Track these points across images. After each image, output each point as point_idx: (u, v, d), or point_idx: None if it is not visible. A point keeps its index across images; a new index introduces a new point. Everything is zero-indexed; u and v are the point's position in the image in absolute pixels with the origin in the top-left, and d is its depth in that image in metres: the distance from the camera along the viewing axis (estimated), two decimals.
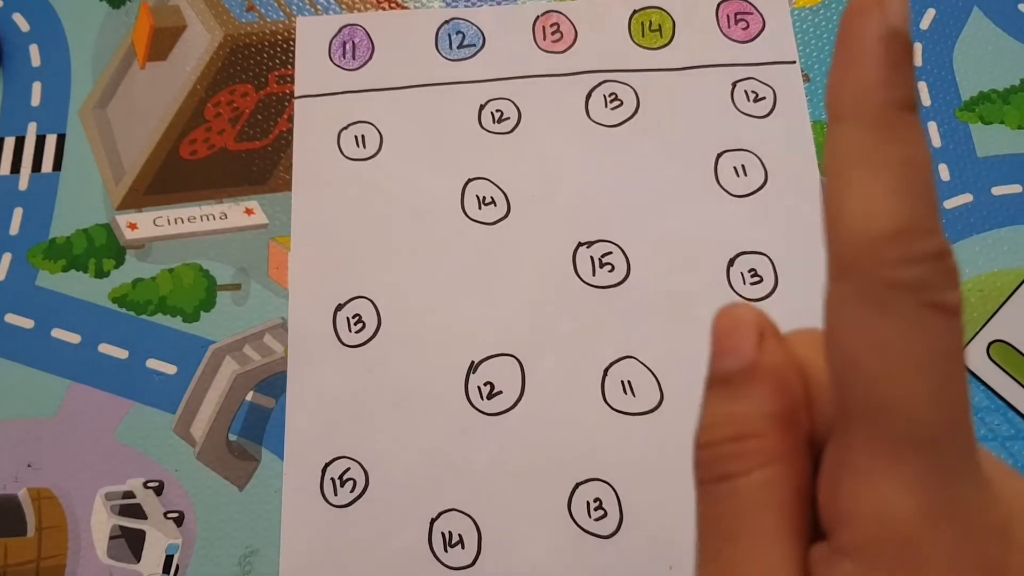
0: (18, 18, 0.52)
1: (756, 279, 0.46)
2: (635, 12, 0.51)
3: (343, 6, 0.52)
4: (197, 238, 0.47)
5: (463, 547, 0.42)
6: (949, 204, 0.47)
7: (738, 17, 0.51)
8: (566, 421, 0.43)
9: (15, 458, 0.44)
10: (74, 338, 0.46)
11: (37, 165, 0.49)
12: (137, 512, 0.42)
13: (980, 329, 0.44)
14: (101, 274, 0.47)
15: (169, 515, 0.42)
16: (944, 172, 0.47)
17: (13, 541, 0.42)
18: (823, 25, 0.51)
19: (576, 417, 0.43)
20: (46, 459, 0.43)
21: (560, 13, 0.52)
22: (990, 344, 0.44)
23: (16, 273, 0.47)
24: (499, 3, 0.52)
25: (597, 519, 0.42)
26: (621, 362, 0.44)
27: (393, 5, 0.52)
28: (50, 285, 0.47)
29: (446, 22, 0.52)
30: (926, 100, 0.49)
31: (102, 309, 0.46)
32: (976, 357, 0.44)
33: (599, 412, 0.43)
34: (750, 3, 0.51)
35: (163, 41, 0.52)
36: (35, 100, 0.51)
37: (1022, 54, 0.50)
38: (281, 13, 0.52)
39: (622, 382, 0.44)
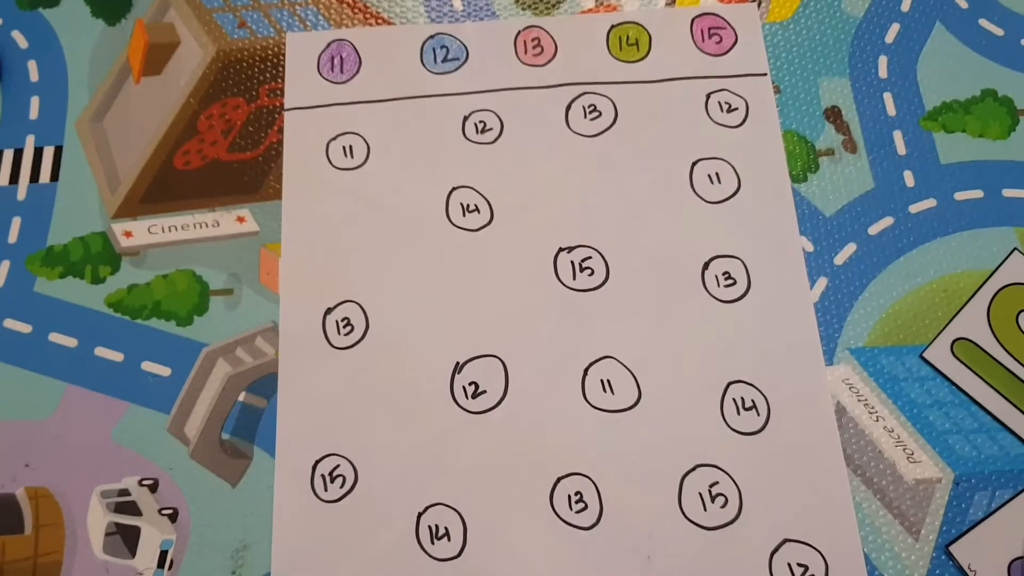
0: (17, 35, 0.54)
1: (730, 281, 0.47)
2: (613, 27, 0.54)
3: (331, 22, 0.54)
4: (190, 245, 0.49)
5: (449, 539, 0.43)
6: (914, 209, 0.49)
7: (712, 32, 0.53)
8: (548, 418, 0.45)
9: (13, 458, 0.45)
10: (71, 342, 0.47)
11: (35, 176, 0.51)
12: (132, 509, 0.44)
13: (945, 327, 0.46)
14: (97, 280, 0.48)
15: (163, 512, 0.44)
16: (909, 179, 0.49)
17: (11, 539, 0.43)
18: (793, 39, 0.53)
19: (557, 415, 0.45)
20: (43, 459, 0.45)
21: (541, 28, 0.54)
22: (954, 341, 0.46)
23: (14, 280, 0.48)
24: (482, 19, 0.54)
25: (578, 511, 0.43)
26: (600, 362, 0.46)
27: (379, 21, 0.54)
28: (48, 291, 0.48)
29: (431, 37, 0.54)
30: (892, 110, 0.51)
31: (98, 314, 0.47)
32: (942, 354, 0.46)
33: (579, 410, 0.45)
34: (723, 18, 0.53)
35: (158, 56, 0.53)
36: (33, 114, 0.52)
37: (982, 66, 0.52)
38: (271, 29, 0.54)
39: (601, 381, 0.46)
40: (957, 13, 0.53)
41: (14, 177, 0.51)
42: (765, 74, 0.52)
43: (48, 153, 0.51)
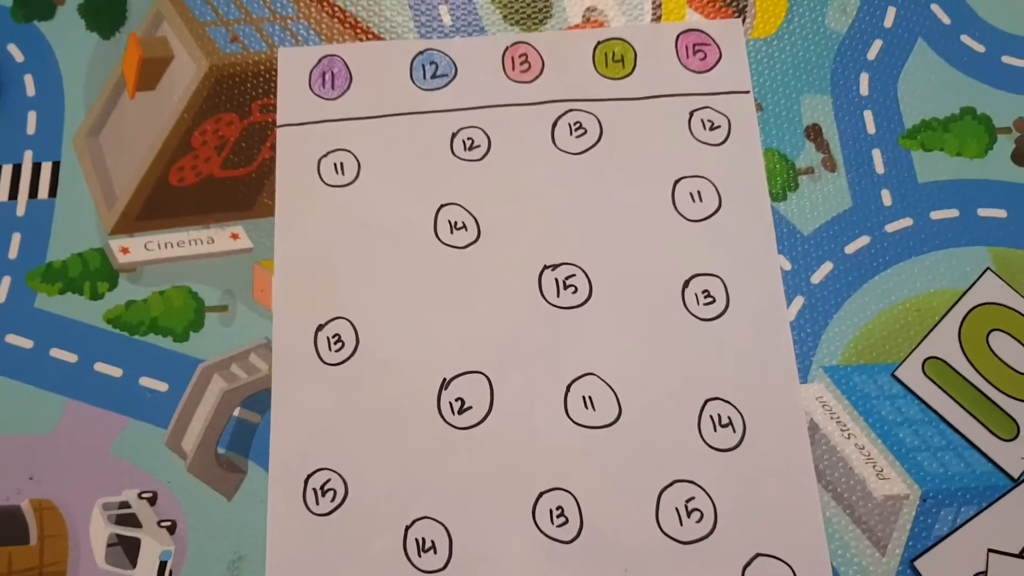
0: (13, 49, 0.55)
1: (709, 300, 0.49)
2: (599, 43, 0.54)
3: (322, 37, 0.55)
4: (186, 262, 0.50)
5: (435, 552, 0.45)
6: (890, 228, 0.50)
7: (696, 48, 0.54)
8: (531, 434, 0.47)
9: (17, 471, 0.47)
10: (71, 357, 0.49)
11: (34, 192, 0.52)
12: (132, 521, 0.46)
13: (916, 346, 0.48)
14: (96, 296, 0.50)
15: (162, 524, 0.46)
16: (887, 197, 0.51)
17: (17, 549, 0.45)
18: (776, 56, 0.54)
19: (540, 430, 0.47)
20: (47, 472, 0.47)
21: (528, 44, 0.54)
22: (925, 360, 0.47)
23: (15, 296, 0.50)
24: (470, 34, 0.55)
25: (559, 526, 0.45)
26: (583, 379, 0.48)
27: (369, 35, 0.55)
28: (48, 307, 0.50)
29: (420, 52, 0.54)
30: (872, 128, 0.52)
31: (97, 330, 0.49)
32: (913, 373, 0.47)
33: (562, 426, 0.47)
34: (708, 35, 0.54)
35: (152, 71, 0.54)
36: (31, 129, 0.53)
37: (962, 84, 0.53)
38: (263, 44, 0.55)
39: (583, 397, 0.47)
40: (940, 29, 0.54)
41: (13, 193, 0.52)
42: (748, 92, 0.53)
43: (46, 169, 0.52)
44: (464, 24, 0.55)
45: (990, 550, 0.44)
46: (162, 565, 0.45)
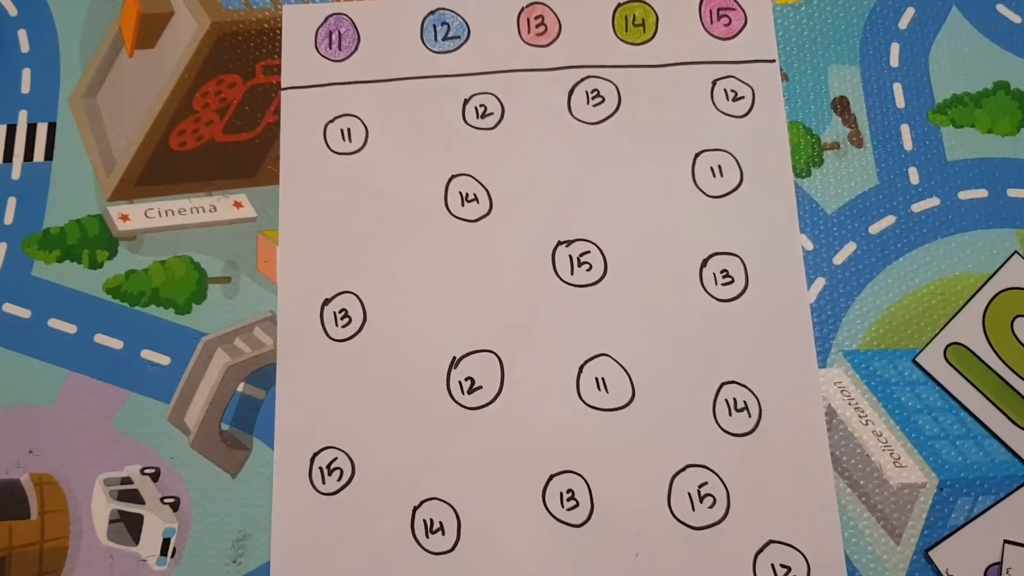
0: (6, 2, 0.53)
1: (728, 280, 0.47)
2: (619, 5, 0.52)
3: None
4: (188, 230, 0.49)
5: (443, 534, 0.44)
6: (916, 208, 0.48)
7: (720, 13, 0.52)
8: (542, 416, 0.46)
9: (17, 444, 0.46)
10: (70, 328, 0.47)
11: (29, 154, 0.50)
12: (135, 497, 0.45)
13: (939, 332, 0.46)
14: (95, 265, 0.48)
15: (166, 500, 0.45)
16: (914, 175, 0.49)
17: (17, 524, 0.45)
18: (804, 23, 0.51)
19: (551, 412, 0.46)
20: (47, 445, 0.46)
21: (545, 5, 0.52)
22: (947, 346, 0.46)
23: (12, 263, 0.48)
24: None
25: (569, 509, 0.44)
26: (596, 359, 0.46)
27: None
28: (45, 275, 0.48)
29: (431, 12, 0.52)
30: (901, 102, 0.50)
31: (97, 300, 0.48)
32: (934, 359, 0.46)
33: (573, 407, 0.46)
34: None
35: (151, 28, 0.52)
36: (25, 87, 0.51)
37: (997, 56, 0.51)
38: (267, 0, 0.52)
39: (596, 379, 0.46)
40: None
41: (8, 155, 0.50)
42: (774, 60, 0.51)
43: (42, 130, 0.50)
44: None
45: (1006, 541, 0.43)
46: (166, 542, 0.44)
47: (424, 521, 0.44)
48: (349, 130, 0.50)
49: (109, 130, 0.50)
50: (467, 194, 0.49)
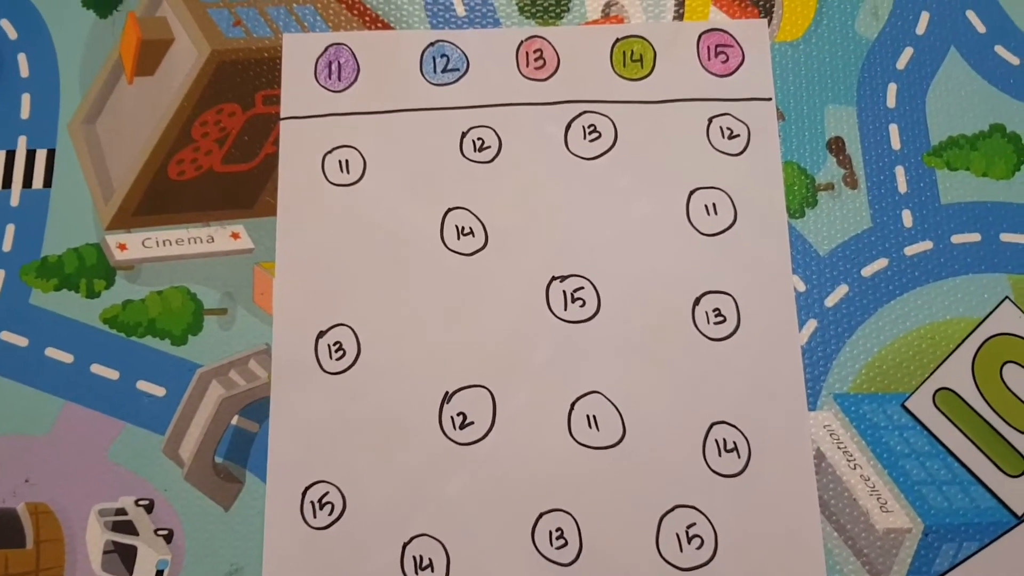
0: (6, 24, 0.53)
1: (720, 319, 0.48)
2: (618, 40, 0.52)
3: (329, 23, 0.53)
4: (185, 261, 0.49)
5: (433, 571, 0.45)
6: (909, 251, 0.49)
7: (718, 49, 0.52)
8: (533, 453, 0.46)
9: (13, 473, 0.46)
10: (67, 357, 0.48)
11: (28, 181, 0.50)
12: (129, 528, 0.45)
13: (928, 376, 0.47)
14: (92, 294, 0.48)
15: (159, 532, 0.45)
16: (907, 218, 0.49)
17: (13, 552, 0.45)
18: (802, 61, 0.52)
19: (542, 449, 0.46)
20: (42, 475, 0.46)
21: (544, 39, 0.52)
22: (936, 392, 0.47)
23: (10, 291, 0.49)
24: (485, 26, 0.53)
25: (558, 548, 0.45)
26: (587, 397, 0.47)
27: (379, 23, 0.53)
28: (43, 304, 0.48)
29: (431, 44, 0.52)
30: (896, 144, 0.50)
31: (94, 330, 0.48)
32: (923, 404, 0.46)
33: (564, 445, 0.46)
34: (731, 35, 0.52)
35: (151, 54, 0.52)
36: (24, 113, 0.51)
37: (994, 98, 0.51)
38: (268, 29, 0.52)
39: (587, 416, 0.47)
40: (974, 38, 0.52)
41: (7, 181, 0.50)
42: (770, 99, 0.51)
43: (41, 156, 0.51)
44: (478, 15, 0.53)
45: None
46: (159, 574, 0.45)
47: (414, 557, 0.45)
48: (347, 161, 0.50)
49: (108, 158, 0.51)
50: (463, 227, 0.49)
